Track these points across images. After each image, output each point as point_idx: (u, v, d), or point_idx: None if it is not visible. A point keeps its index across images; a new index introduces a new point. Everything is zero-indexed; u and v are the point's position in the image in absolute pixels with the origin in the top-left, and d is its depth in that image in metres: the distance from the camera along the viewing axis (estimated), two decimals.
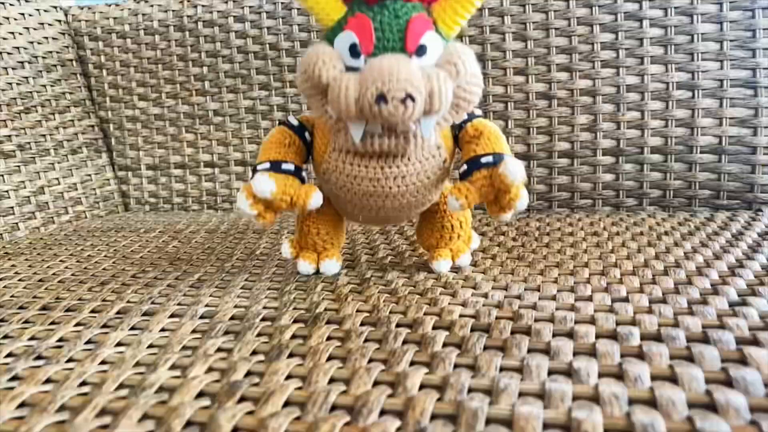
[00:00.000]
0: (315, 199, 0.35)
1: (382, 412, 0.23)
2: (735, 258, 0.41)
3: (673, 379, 0.24)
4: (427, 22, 0.31)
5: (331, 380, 0.26)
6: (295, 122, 0.38)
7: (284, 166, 0.36)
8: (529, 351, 0.27)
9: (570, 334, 0.29)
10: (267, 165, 0.36)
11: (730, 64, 0.60)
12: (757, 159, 0.60)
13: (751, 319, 0.29)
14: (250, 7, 0.75)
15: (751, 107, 0.60)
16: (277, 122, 0.50)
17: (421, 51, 0.30)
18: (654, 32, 0.62)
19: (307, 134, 0.38)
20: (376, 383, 0.25)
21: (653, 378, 0.24)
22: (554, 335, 0.29)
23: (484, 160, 0.34)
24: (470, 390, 0.24)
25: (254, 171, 0.37)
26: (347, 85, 0.29)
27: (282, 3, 0.74)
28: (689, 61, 0.61)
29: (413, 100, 0.28)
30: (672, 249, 0.44)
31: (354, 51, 0.30)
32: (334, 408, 0.23)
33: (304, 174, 0.37)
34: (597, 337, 0.28)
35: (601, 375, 0.24)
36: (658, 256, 0.42)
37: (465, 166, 0.35)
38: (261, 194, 0.34)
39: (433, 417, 0.22)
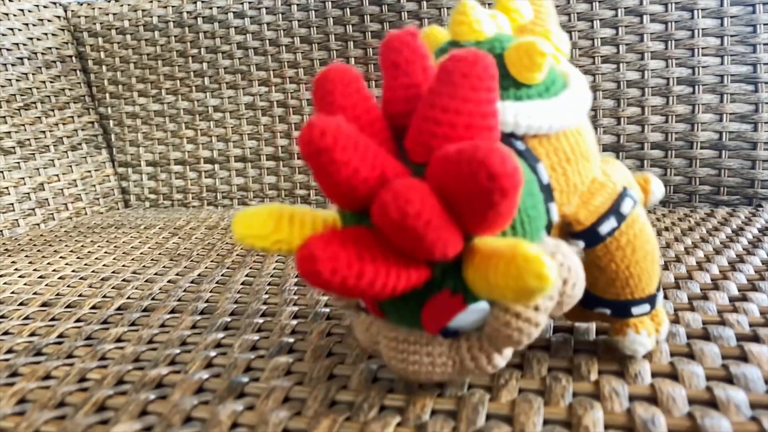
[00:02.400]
0: None
1: (383, 408, 0.23)
2: (735, 253, 0.40)
3: (673, 375, 0.24)
4: (454, 303, 0.20)
5: (332, 377, 0.26)
6: None
7: None
8: (530, 347, 0.27)
9: (570, 331, 0.28)
10: None
11: (731, 60, 0.60)
12: (757, 154, 0.60)
13: (752, 314, 0.29)
14: (249, 2, 0.75)
15: (752, 103, 0.59)
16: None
17: (450, 334, 0.21)
18: (654, 28, 0.61)
19: None
20: (376, 379, 0.25)
21: (654, 374, 0.24)
22: (555, 331, 0.29)
23: (598, 309, 0.25)
24: (470, 386, 0.24)
25: None
26: (362, 340, 0.23)
27: None
28: (690, 57, 0.61)
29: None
30: (672, 244, 0.44)
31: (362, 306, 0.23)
32: (334, 404, 0.23)
33: None
34: (597, 333, 0.28)
35: (601, 372, 0.24)
36: None
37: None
38: None
39: (434, 413, 0.22)
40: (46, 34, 0.78)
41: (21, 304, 0.39)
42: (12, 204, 0.68)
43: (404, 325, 0.21)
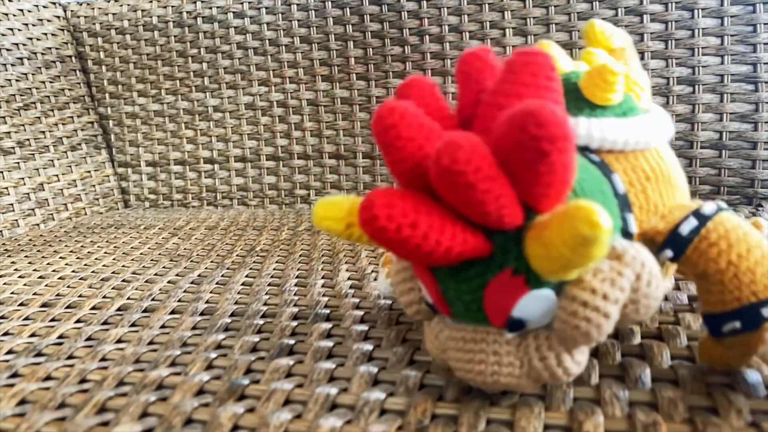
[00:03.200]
0: None
1: (383, 412, 0.23)
2: None
3: (674, 380, 0.24)
4: (516, 286, 0.19)
5: (333, 379, 0.26)
6: None
7: None
8: None
9: None
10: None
11: (731, 59, 0.60)
12: (757, 154, 0.60)
13: None
14: (249, 2, 0.74)
15: (752, 102, 0.59)
16: None
17: (515, 326, 0.20)
18: (654, 27, 0.61)
19: None
20: (377, 383, 0.25)
21: (654, 379, 0.24)
22: None
23: (727, 327, 0.22)
24: (471, 390, 0.24)
25: None
26: (431, 349, 0.23)
27: None
28: (690, 56, 0.61)
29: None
30: None
31: (432, 306, 0.22)
32: (335, 407, 0.23)
33: None
34: None
35: (602, 376, 0.24)
36: None
37: (703, 322, 0.24)
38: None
39: (435, 417, 0.22)
40: (45, 34, 0.78)
41: (21, 304, 0.38)
42: (12, 204, 0.68)
43: (469, 318, 0.21)
